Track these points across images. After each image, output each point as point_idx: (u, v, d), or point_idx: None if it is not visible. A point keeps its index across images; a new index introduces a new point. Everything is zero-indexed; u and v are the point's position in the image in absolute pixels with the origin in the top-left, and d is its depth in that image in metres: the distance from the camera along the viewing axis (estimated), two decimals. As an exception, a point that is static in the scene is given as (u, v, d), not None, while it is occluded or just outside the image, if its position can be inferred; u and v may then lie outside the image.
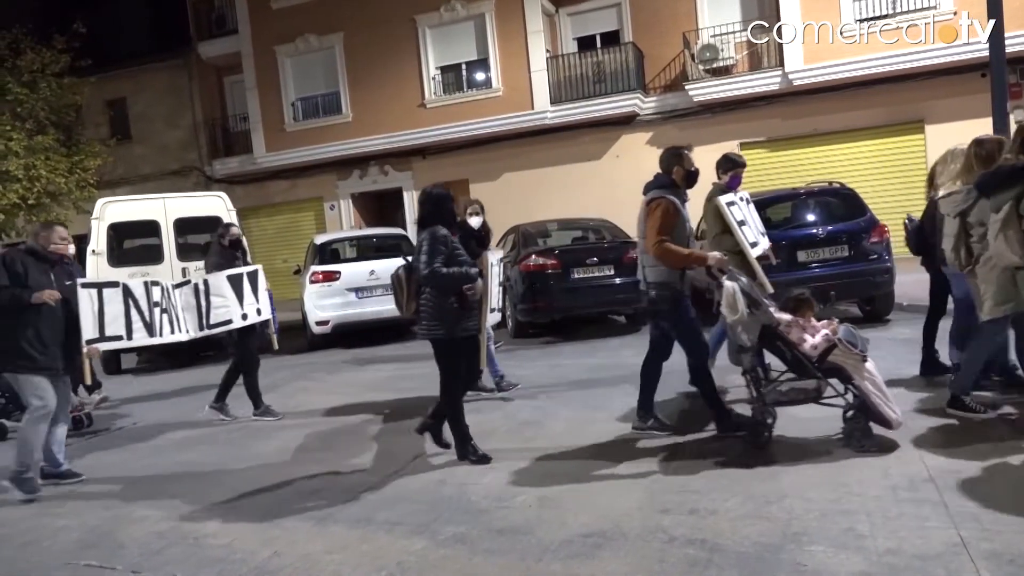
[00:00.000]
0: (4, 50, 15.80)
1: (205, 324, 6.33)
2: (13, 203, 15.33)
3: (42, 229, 5.18)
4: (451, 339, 4.68)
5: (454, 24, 17.80)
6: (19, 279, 4.80)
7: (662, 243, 4.65)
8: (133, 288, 5.78)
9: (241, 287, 6.56)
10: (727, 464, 4.28)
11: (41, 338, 4.86)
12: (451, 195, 4.91)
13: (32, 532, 4.23)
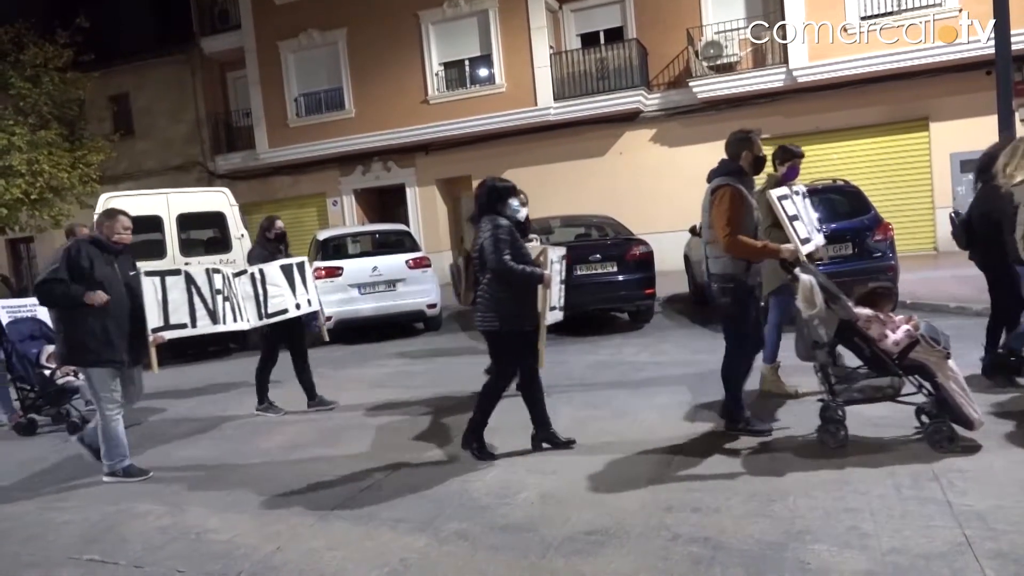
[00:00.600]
0: (7, 44, 15.81)
1: (264, 313, 6.32)
2: (16, 198, 15.34)
3: (105, 219, 5.05)
4: (506, 333, 4.60)
5: (457, 20, 17.78)
6: (83, 272, 4.74)
7: (732, 234, 4.45)
8: (195, 276, 5.70)
9: (292, 277, 6.58)
10: (730, 462, 4.27)
11: (106, 330, 4.81)
12: (513, 187, 4.81)
13: (35, 527, 4.23)
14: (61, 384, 6.68)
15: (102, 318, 4.79)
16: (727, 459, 4.32)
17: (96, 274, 4.78)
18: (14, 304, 7.02)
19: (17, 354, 6.74)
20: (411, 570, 3.26)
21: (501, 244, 4.47)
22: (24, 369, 6.75)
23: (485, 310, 4.61)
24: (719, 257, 4.63)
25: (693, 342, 8.52)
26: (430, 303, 11.20)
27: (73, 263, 4.75)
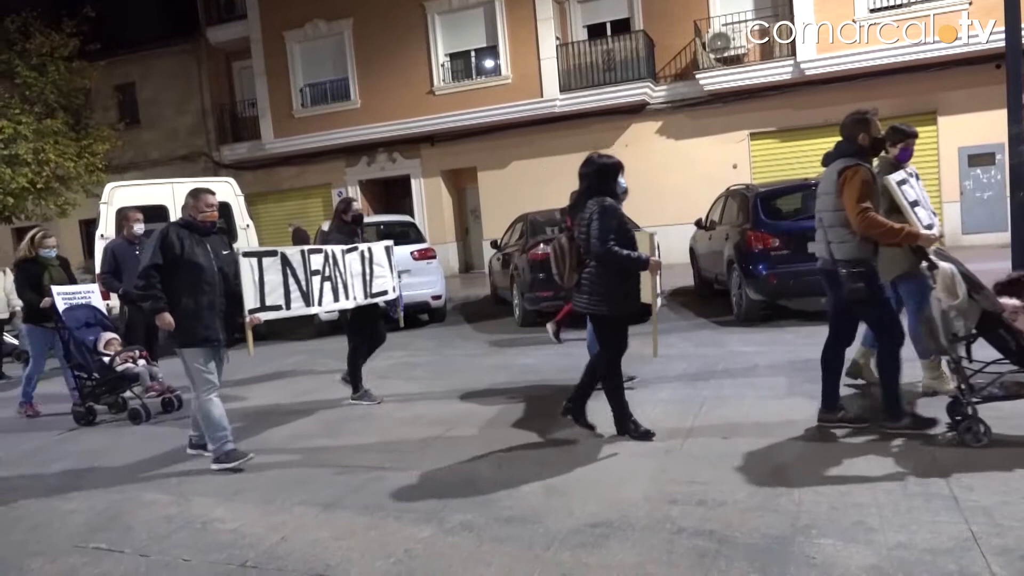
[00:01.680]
0: (14, 34, 15.81)
1: (369, 292, 6.23)
2: (22, 187, 15.37)
3: (191, 198, 4.96)
4: (613, 316, 4.57)
5: (463, 11, 17.73)
6: (176, 255, 4.72)
7: (866, 213, 4.19)
8: (290, 257, 5.61)
9: (390, 260, 6.55)
10: (735, 455, 4.26)
11: (199, 309, 4.78)
12: (620, 163, 4.70)
13: (42, 515, 4.25)
14: (120, 371, 6.60)
15: (195, 296, 4.77)
16: (732, 452, 4.31)
17: (187, 255, 4.76)
18: (69, 291, 6.91)
19: (75, 341, 6.65)
20: (416, 560, 3.27)
21: (607, 229, 4.39)
22: (82, 356, 6.64)
23: (591, 293, 4.58)
24: (845, 241, 4.36)
25: (698, 335, 8.51)
26: (435, 294, 11.20)
27: (166, 246, 4.72)
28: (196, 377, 4.83)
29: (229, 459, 4.78)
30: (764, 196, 9.12)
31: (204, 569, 3.36)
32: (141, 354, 6.85)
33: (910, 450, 4.08)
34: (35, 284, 6.82)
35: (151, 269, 4.73)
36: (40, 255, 6.93)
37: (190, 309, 4.76)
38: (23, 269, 6.92)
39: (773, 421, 4.88)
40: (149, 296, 4.77)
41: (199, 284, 4.80)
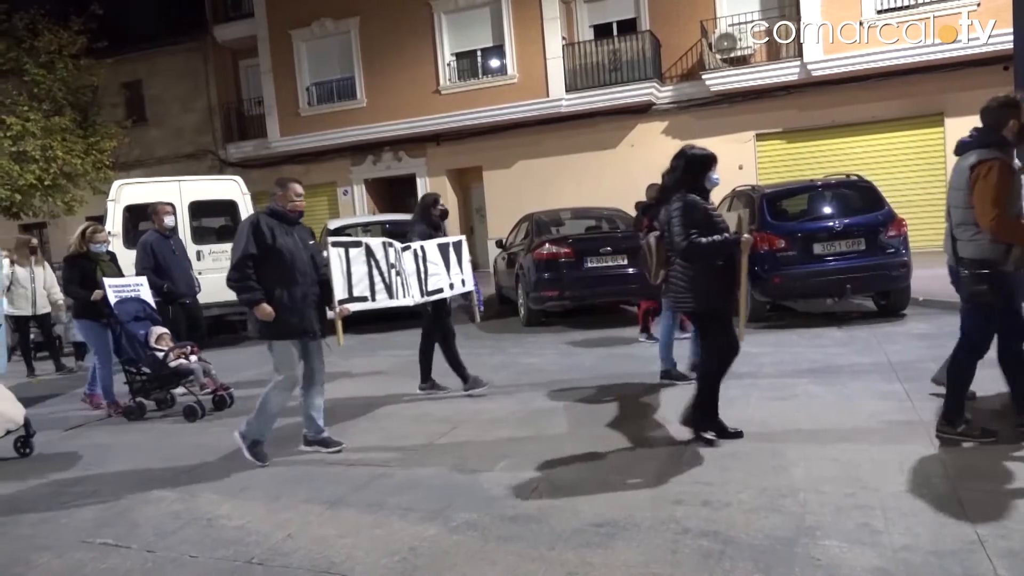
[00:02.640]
0: (22, 31, 15.89)
1: (424, 291, 6.17)
2: (30, 183, 15.46)
3: (278, 187, 4.86)
4: (704, 311, 4.46)
5: (470, 10, 17.74)
6: (268, 245, 4.63)
7: (1001, 216, 3.83)
8: (374, 249, 5.54)
9: (448, 256, 6.48)
10: (740, 456, 4.26)
11: (293, 301, 4.69)
12: (713, 156, 4.52)
13: (48, 510, 4.26)
14: (174, 367, 6.47)
15: (288, 287, 4.68)
16: (737, 453, 4.31)
17: (279, 245, 4.66)
18: (119, 283, 6.76)
19: (127, 335, 6.48)
20: (421, 559, 3.27)
21: (688, 224, 4.28)
22: (134, 351, 6.48)
23: (679, 290, 4.49)
24: (972, 240, 4.03)
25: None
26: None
27: (258, 235, 4.61)
28: (283, 371, 4.74)
29: (255, 453, 4.76)
30: (770, 197, 9.11)
31: (210, 565, 3.37)
32: (192, 349, 6.74)
33: (916, 453, 4.07)
34: (87, 280, 6.64)
35: (246, 259, 4.61)
36: (91, 250, 6.76)
37: (284, 301, 4.66)
38: (75, 265, 6.72)
39: (778, 422, 4.88)
40: (246, 288, 4.62)
41: (292, 274, 4.70)
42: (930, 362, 5.81)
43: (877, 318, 8.64)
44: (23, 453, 5.45)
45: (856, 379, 5.86)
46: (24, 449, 5.47)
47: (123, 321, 6.50)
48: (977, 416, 4.37)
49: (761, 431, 4.71)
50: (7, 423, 5.16)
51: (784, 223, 8.83)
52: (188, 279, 7.55)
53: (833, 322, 8.57)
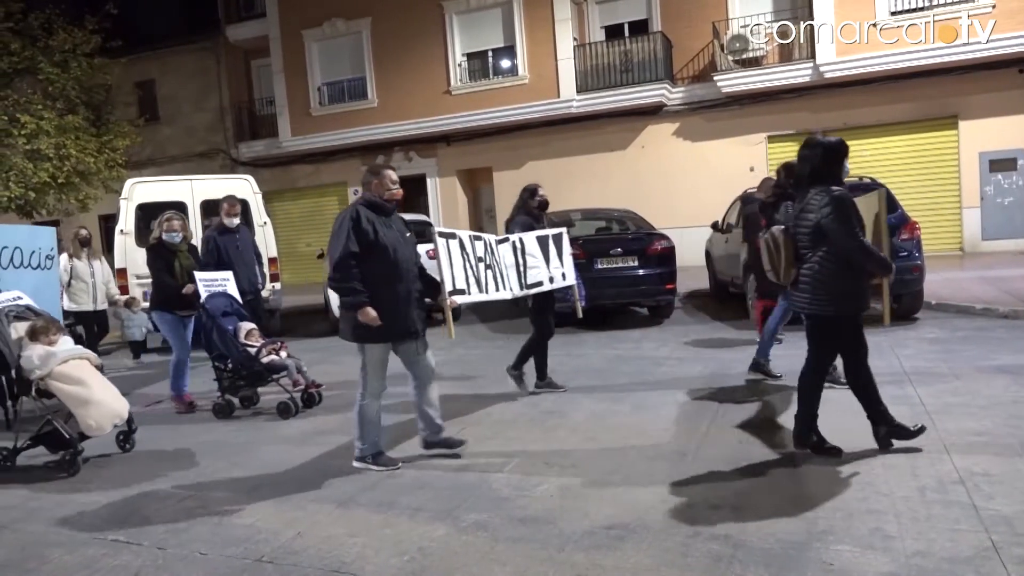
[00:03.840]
0: (37, 30, 15.98)
1: (523, 284, 5.94)
2: (44, 181, 15.54)
3: (372, 176, 4.52)
4: (838, 317, 4.10)
5: (481, 11, 17.75)
6: (371, 241, 4.31)
7: None
8: (465, 242, 5.34)
9: (547, 249, 6.24)
10: (751, 459, 4.24)
11: (395, 300, 4.39)
12: (847, 145, 4.22)
13: (60, 507, 4.29)
14: (266, 363, 6.23)
15: (392, 285, 4.37)
16: (748, 456, 4.29)
17: (381, 240, 4.35)
18: (208, 277, 6.59)
19: (219, 330, 6.27)
20: (430, 558, 3.27)
21: (852, 223, 3.95)
22: (226, 347, 6.26)
23: (815, 291, 4.09)
24: None
25: (713, 338, 8.47)
26: (449, 293, 11.20)
27: (360, 231, 4.29)
28: (372, 376, 4.49)
29: (377, 462, 4.54)
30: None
31: (220, 563, 3.38)
32: (282, 345, 6.58)
33: (930, 458, 4.04)
34: (168, 269, 6.49)
35: (348, 258, 4.27)
36: (164, 239, 6.56)
37: (387, 301, 4.34)
38: (157, 254, 6.53)
39: (789, 426, 4.84)
40: (350, 289, 4.30)
41: (396, 271, 4.39)
42: (942, 365, 5.77)
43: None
44: (125, 448, 5.34)
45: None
46: (126, 444, 5.36)
47: (215, 316, 6.32)
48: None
49: (772, 435, 4.68)
50: (113, 417, 4.98)
51: (796, 225, 8.76)
52: (251, 275, 7.38)
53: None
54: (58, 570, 3.44)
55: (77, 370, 5.00)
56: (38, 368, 4.91)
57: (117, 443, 5.34)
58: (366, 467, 4.54)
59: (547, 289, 6.18)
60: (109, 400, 5.02)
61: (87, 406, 4.85)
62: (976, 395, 5.27)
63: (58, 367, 4.92)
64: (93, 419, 4.84)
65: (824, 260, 4.07)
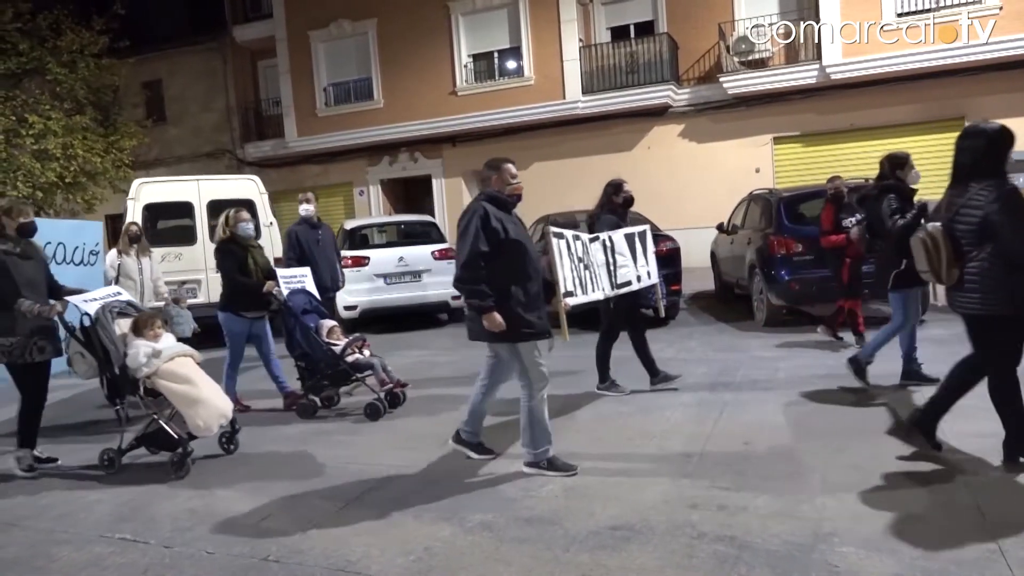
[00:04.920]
0: (45, 31, 16.07)
1: (614, 283, 5.74)
2: (51, 181, 15.63)
3: (492, 171, 4.35)
4: (1016, 317, 3.76)
5: (487, 11, 17.76)
6: (501, 239, 4.12)
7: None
8: (570, 241, 5.24)
9: (635, 247, 6.07)
10: (756, 461, 4.24)
11: (531, 298, 4.22)
12: (1012, 135, 3.91)
13: (68, 504, 4.32)
14: (350, 362, 6.04)
15: (525, 283, 4.20)
16: (753, 457, 4.29)
17: (511, 235, 4.15)
18: (287, 274, 6.41)
19: (302, 328, 6.09)
20: (436, 558, 3.28)
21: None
22: (310, 345, 6.07)
23: (989, 290, 3.76)
24: None
25: (718, 340, 8.46)
26: (455, 295, 11.21)
27: (489, 229, 4.09)
28: (535, 373, 4.26)
29: (553, 466, 4.26)
30: (788, 201, 9.07)
31: (227, 562, 3.40)
32: (364, 343, 6.35)
33: (934, 461, 4.04)
34: (241, 267, 6.24)
35: (477, 258, 4.09)
36: (238, 234, 6.28)
37: (522, 299, 4.16)
38: (228, 252, 6.28)
39: (794, 427, 4.85)
40: (477, 292, 4.10)
41: (527, 268, 4.22)
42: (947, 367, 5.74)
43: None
44: (228, 450, 5.16)
45: (874, 384, 5.81)
46: (229, 445, 5.17)
47: (297, 314, 6.14)
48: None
49: (777, 436, 4.68)
50: (219, 417, 4.77)
51: (802, 227, 8.76)
52: (333, 271, 7.10)
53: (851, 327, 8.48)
54: (66, 568, 3.46)
55: (183, 367, 4.81)
56: (145, 366, 4.72)
57: (220, 444, 5.13)
58: (540, 473, 4.23)
59: (635, 288, 5.99)
60: (215, 399, 4.83)
61: (196, 405, 4.66)
62: (982, 397, 5.20)
63: (164, 365, 4.74)
64: (201, 419, 4.64)
65: (994, 257, 3.76)
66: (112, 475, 4.81)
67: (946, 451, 4.14)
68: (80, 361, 5.02)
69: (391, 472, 4.50)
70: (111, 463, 4.89)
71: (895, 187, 5.52)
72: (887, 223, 5.36)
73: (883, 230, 5.46)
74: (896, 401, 5.31)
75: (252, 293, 6.20)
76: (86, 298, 5.01)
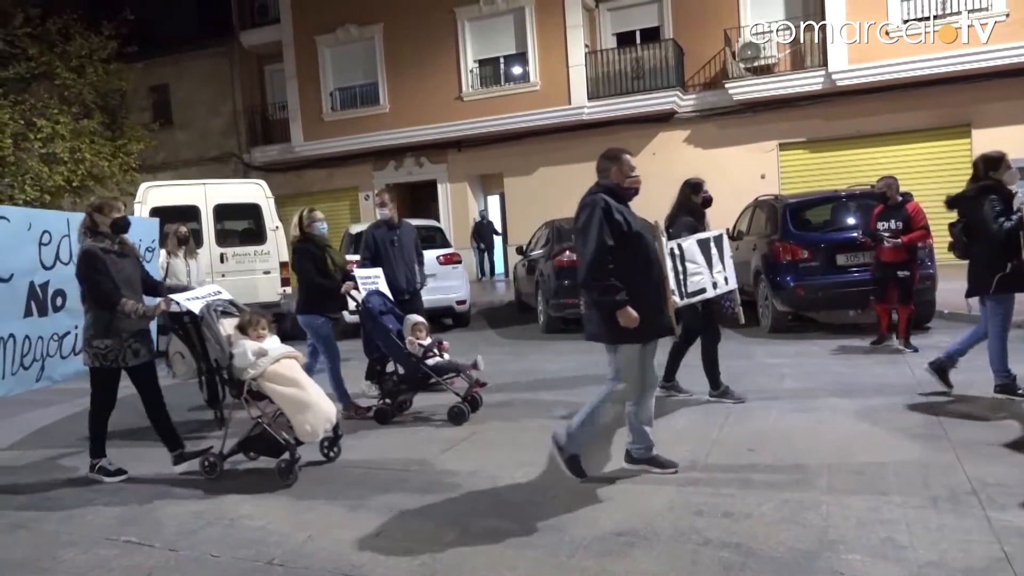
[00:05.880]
0: (55, 35, 16.16)
1: (685, 292, 5.49)
2: (59, 185, 15.70)
3: (611, 162, 4.16)
4: None
5: (493, 17, 17.82)
6: (624, 232, 3.93)
7: None
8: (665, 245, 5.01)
9: (709, 252, 5.79)
10: (762, 467, 4.23)
11: (655, 295, 4.08)
12: None
13: (74, 506, 4.33)
14: (432, 365, 5.82)
15: (650, 277, 4.03)
16: (758, 464, 4.28)
17: (634, 227, 3.97)
18: (363, 275, 6.20)
19: (381, 331, 5.88)
20: (440, 563, 3.28)
21: None
22: (388, 348, 5.91)
23: None
24: None
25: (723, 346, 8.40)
26: (460, 299, 11.24)
27: (613, 222, 3.90)
28: (638, 379, 4.07)
29: (577, 470, 4.17)
30: (793, 207, 9.07)
31: (231, 565, 3.40)
32: (443, 346, 6.08)
33: (942, 467, 4.02)
34: (320, 268, 6.04)
35: (604, 253, 3.87)
36: (312, 234, 6.10)
37: (649, 295, 4.00)
38: (304, 252, 6.07)
39: (800, 435, 4.84)
40: (608, 287, 3.87)
41: (650, 264, 4.06)
42: (954, 375, 5.73)
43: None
44: (329, 457, 4.89)
45: (880, 392, 5.80)
46: (331, 452, 4.90)
47: (377, 316, 5.92)
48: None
49: (783, 443, 4.67)
50: (326, 422, 4.54)
51: (807, 233, 8.77)
52: (410, 273, 6.87)
53: (856, 334, 8.48)
54: (71, 570, 3.47)
55: (290, 369, 4.58)
56: (252, 367, 4.47)
57: (321, 451, 4.89)
58: (644, 469, 4.19)
59: (710, 296, 5.69)
60: (322, 403, 4.60)
61: (305, 409, 4.42)
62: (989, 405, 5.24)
63: (271, 367, 4.50)
64: (310, 424, 4.40)
65: None
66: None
67: (953, 458, 4.13)
68: (180, 362, 4.79)
69: (397, 477, 4.50)
70: (212, 468, 4.64)
71: (994, 187, 5.30)
72: (991, 226, 5.16)
73: (985, 232, 5.24)
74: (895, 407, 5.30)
75: (331, 295, 6.03)
76: (189, 296, 4.77)
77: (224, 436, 4.72)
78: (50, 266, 5.53)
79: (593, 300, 4.01)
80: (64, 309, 5.62)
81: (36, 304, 5.42)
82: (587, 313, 4.17)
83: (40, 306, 5.45)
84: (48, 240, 5.51)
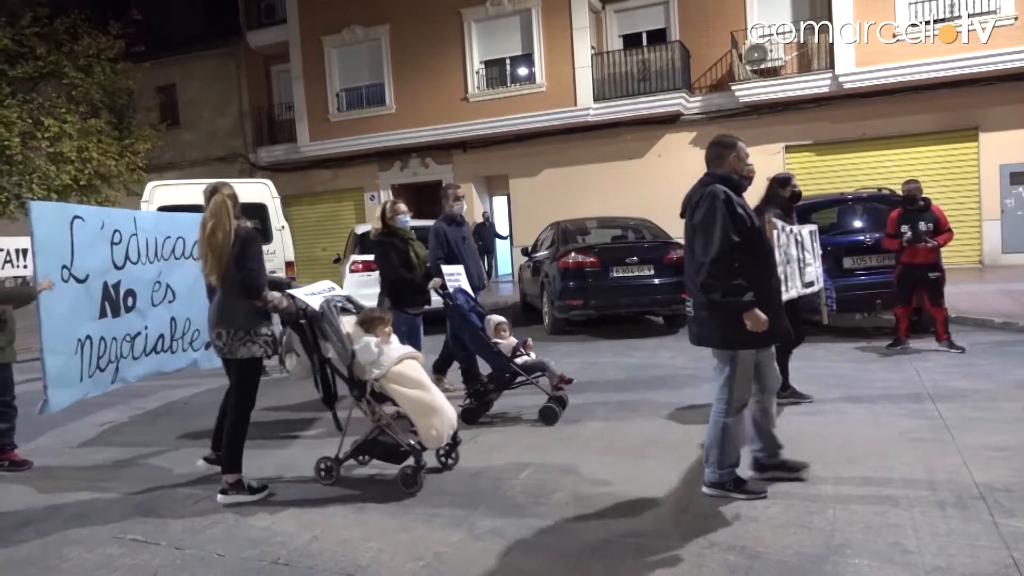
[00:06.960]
0: (62, 35, 16.24)
1: (802, 282, 5.25)
2: (66, 184, 15.77)
3: (726, 150, 3.79)
4: None
5: (500, 19, 17.84)
6: (748, 228, 3.63)
7: None
8: (779, 233, 4.87)
9: (814, 247, 5.63)
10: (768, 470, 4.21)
11: (772, 296, 3.76)
12: None
13: (80, 505, 4.34)
14: (520, 364, 5.62)
15: (770, 277, 3.76)
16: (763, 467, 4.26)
17: (757, 225, 3.69)
18: (449, 271, 5.98)
19: (470, 329, 5.72)
20: (445, 564, 3.28)
21: None
22: (476, 347, 5.72)
23: None
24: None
25: (729, 348, 8.42)
26: (465, 300, 11.22)
27: (737, 217, 3.59)
28: (741, 387, 3.76)
29: (739, 488, 3.80)
30: (800, 210, 9.00)
31: (237, 564, 3.40)
32: (528, 345, 5.87)
33: (949, 472, 4.01)
34: (404, 261, 5.86)
35: (730, 251, 3.54)
36: (395, 227, 5.91)
37: (769, 297, 3.70)
38: (387, 245, 5.90)
39: (807, 438, 4.82)
40: (734, 287, 3.54)
41: (770, 260, 3.79)
42: (961, 379, 5.72)
43: (907, 335, 8.49)
44: (447, 464, 4.60)
45: (886, 396, 5.78)
46: (448, 459, 4.61)
47: (466, 313, 5.76)
48: None
49: (789, 447, 4.64)
50: (450, 427, 4.33)
51: (814, 236, 8.73)
52: (479, 271, 6.71)
53: (862, 337, 8.46)
54: (77, 568, 3.47)
55: (414, 371, 4.33)
56: (376, 366, 4.22)
57: (438, 458, 4.58)
58: (724, 495, 3.77)
59: (816, 290, 5.45)
60: (447, 406, 4.36)
61: (432, 413, 4.20)
62: (997, 410, 5.22)
63: (395, 367, 4.25)
64: (436, 428, 4.19)
65: None
66: (127, 476, 4.76)
67: (961, 462, 4.11)
68: (295, 359, 4.50)
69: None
70: (328, 472, 4.43)
71: None
72: None
73: None
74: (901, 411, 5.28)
75: (416, 289, 5.87)
76: (306, 292, 4.52)
77: (341, 439, 4.46)
78: (121, 266, 5.43)
79: (715, 301, 3.60)
80: (135, 309, 5.54)
81: (110, 305, 5.31)
82: (697, 314, 3.79)
83: (113, 307, 5.35)
84: (119, 239, 5.40)
